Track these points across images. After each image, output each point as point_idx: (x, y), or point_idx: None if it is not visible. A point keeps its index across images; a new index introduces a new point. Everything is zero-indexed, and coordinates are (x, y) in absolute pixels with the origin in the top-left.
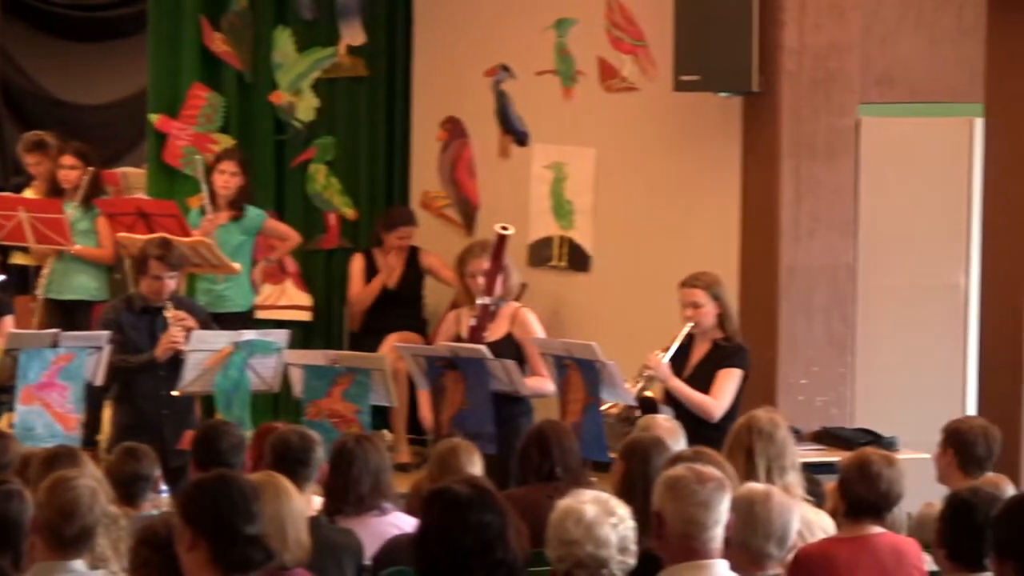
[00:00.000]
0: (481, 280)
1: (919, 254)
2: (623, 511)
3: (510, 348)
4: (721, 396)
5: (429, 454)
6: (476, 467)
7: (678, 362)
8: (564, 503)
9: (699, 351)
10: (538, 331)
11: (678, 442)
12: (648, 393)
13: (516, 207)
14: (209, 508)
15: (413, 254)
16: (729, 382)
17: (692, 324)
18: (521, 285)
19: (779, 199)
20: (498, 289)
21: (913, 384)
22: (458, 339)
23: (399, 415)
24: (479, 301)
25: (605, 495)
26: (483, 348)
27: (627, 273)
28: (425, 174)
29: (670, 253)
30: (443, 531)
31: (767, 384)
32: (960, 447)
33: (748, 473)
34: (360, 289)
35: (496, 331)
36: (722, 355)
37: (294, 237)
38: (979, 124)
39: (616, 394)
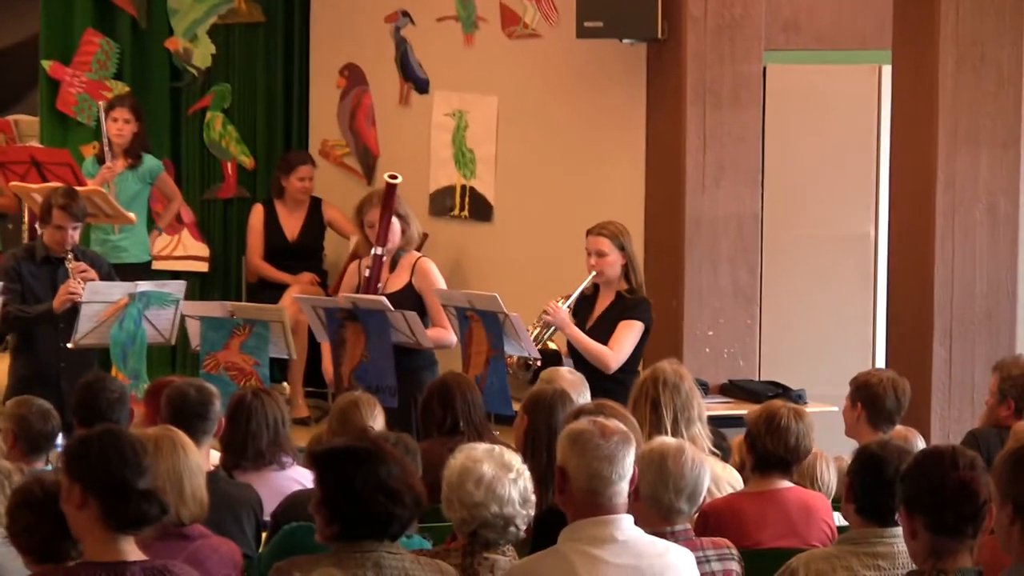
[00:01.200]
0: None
1: (826, 204)
2: (518, 463)
3: (411, 299)
4: (619, 347)
5: (329, 408)
6: (377, 421)
7: (583, 313)
8: (458, 463)
9: (603, 302)
10: (439, 282)
11: (582, 395)
12: (551, 344)
13: (417, 156)
14: (97, 464)
15: (315, 206)
16: (628, 334)
17: (595, 273)
18: (422, 235)
19: (684, 147)
20: (396, 239)
21: (821, 336)
22: (358, 290)
23: (298, 368)
24: (372, 252)
25: (497, 448)
26: (383, 299)
27: (530, 223)
28: (324, 123)
29: (574, 203)
30: (342, 488)
31: (673, 336)
32: (869, 401)
33: (653, 425)
34: (259, 237)
35: (396, 282)
36: (624, 307)
37: (178, 197)
38: (886, 71)
39: (520, 346)
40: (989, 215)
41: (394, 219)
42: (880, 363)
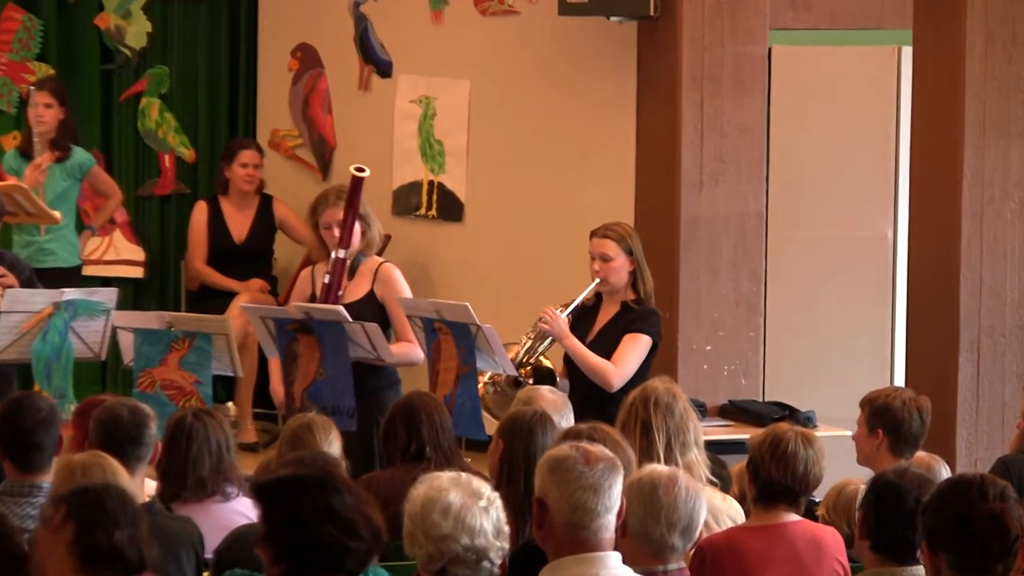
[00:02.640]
0: (336, 232)
1: (839, 202)
2: (488, 490)
3: (372, 309)
4: (622, 363)
5: (279, 431)
6: (333, 446)
7: (582, 325)
8: (420, 493)
9: (606, 313)
10: (404, 289)
11: (565, 417)
12: (545, 362)
13: (378, 148)
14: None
15: (265, 203)
16: (634, 348)
17: (599, 280)
18: (384, 237)
19: (679, 139)
20: (356, 242)
21: (833, 351)
22: (313, 299)
23: (246, 387)
24: (333, 255)
25: (463, 475)
26: (340, 309)
27: (506, 224)
28: (274, 110)
29: (555, 201)
30: (290, 521)
31: (666, 350)
32: (891, 427)
33: (644, 451)
34: (202, 239)
35: (356, 290)
36: (630, 318)
37: (117, 195)
38: (907, 53)
39: (494, 362)
40: (1022, 214)
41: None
42: (899, 380)
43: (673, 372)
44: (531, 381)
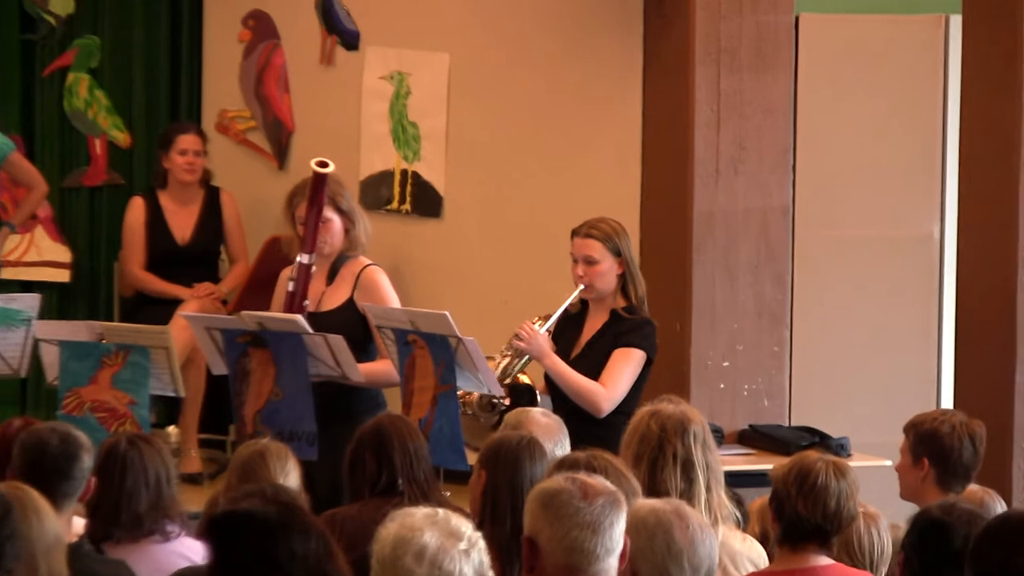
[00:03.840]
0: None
1: (877, 195)
2: (469, 530)
3: (351, 319)
4: (613, 383)
5: (228, 460)
6: (290, 477)
7: (567, 338)
8: (390, 532)
9: (593, 324)
10: (390, 297)
11: (559, 444)
12: (524, 378)
13: (343, 132)
14: None
15: (212, 197)
16: (625, 366)
17: (583, 287)
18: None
19: (691, 121)
20: (336, 241)
21: (871, 367)
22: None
23: (190, 409)
24: (297, 260)
25: (441, 511)
26: (299, 319)
27: (491, 220)
28: (222, 87)
29: (548, 194)
30: (241, 565)
31: (677, 367)
32: (939, 456)
33: (683, 494)
34: (140, 240)
35: (334, 297)
36: (620, 330)
37: (40, 187)
38: (955, 23)
39: (478, 380)
40: None
41: (334, 216)
42: (948, 402)
43: (685, 392)
44: (507, 402)
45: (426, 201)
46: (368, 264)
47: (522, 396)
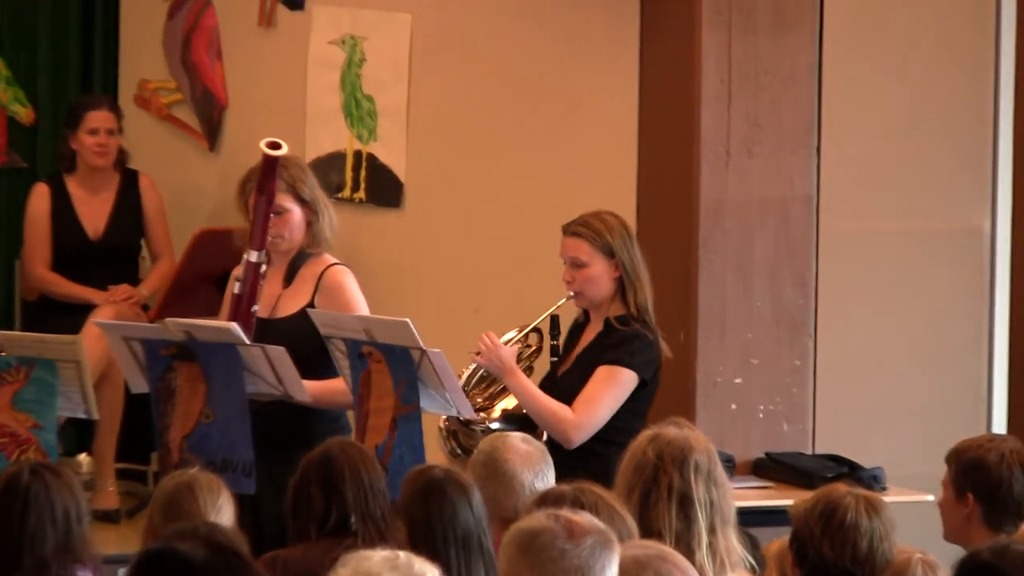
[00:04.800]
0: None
1: (918, 182)
2: (433, 574)
3: (312, 328)
4: (585, 409)
5: (150, 494)
6: (222, 513)
7: (566, 353)
8: None
9: (588, 335)
10: (357, 303)
11: (541, 475)
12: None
13: (286, 106)
14: None
15: (129, 182)
16: (604, 387)
17: (572, 294)
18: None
19: (698, 94)
20: (294, 235)
21: (909, 385)
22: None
23: (105, 434)
24: (245, 258)
25: (402, 554)
26: (233, 327)
27: (460, 210)
28: (142, 54)
29: (528, 180)
30: None
31: (680, 384)
32: (984, 489)
33: (680, 536)
34: (44, 234)
35: (292, 301)
36: (607, 343)
37: None
38: None
39: (444, 401)
40: None
41: (294, 207)
42: (999, 425)
43: (689, 413)
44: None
45: (383, 188)
46: (333, 263)
47: (516, 422)
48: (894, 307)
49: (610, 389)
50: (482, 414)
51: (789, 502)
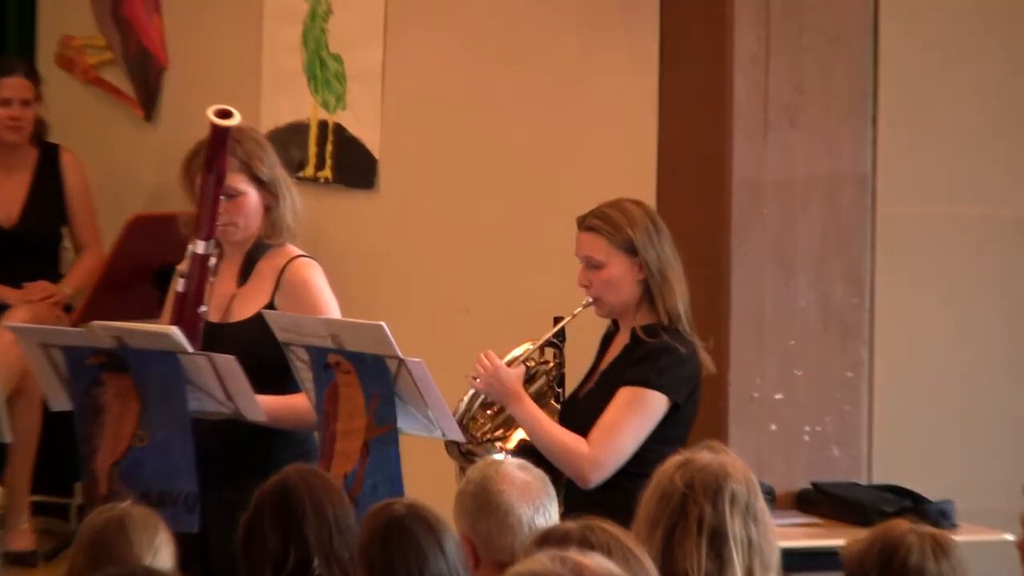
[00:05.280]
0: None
1: (988, 162)
2: None
3: (272, 334)
4: (604, 441)
5: (73, 532)
6: (160, 555)
7: (592, 368)
8: None
9: (616, 346)
10: (327, 304)
11: (542, 509)
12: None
13: (238, 68)
14: None
15: (48, 158)
16: (625, 414)
17: (589, 300)
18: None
19: (730, 55)
20: (250, 223)
21: (983, 402)
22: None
23: (20, 460)
24: (190, 249)
25: None
26: (173, 331)
27: (444, 192)
28: (64, 5)
29: (526, 156)
30: None
31: (711, 400)
32: None
33: (671, 572)
34: None
35: (251, 301)
36: (631, 359)
37: None
38: None
39: (426, 420)
40: None
41: (249, 189)
42: None
43: (721, 435)
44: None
45: (354, 166)
46: (297, 255)
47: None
48: (966, 308)
49: (633, 416)
50: (499, 444)
51: (840, 542)
